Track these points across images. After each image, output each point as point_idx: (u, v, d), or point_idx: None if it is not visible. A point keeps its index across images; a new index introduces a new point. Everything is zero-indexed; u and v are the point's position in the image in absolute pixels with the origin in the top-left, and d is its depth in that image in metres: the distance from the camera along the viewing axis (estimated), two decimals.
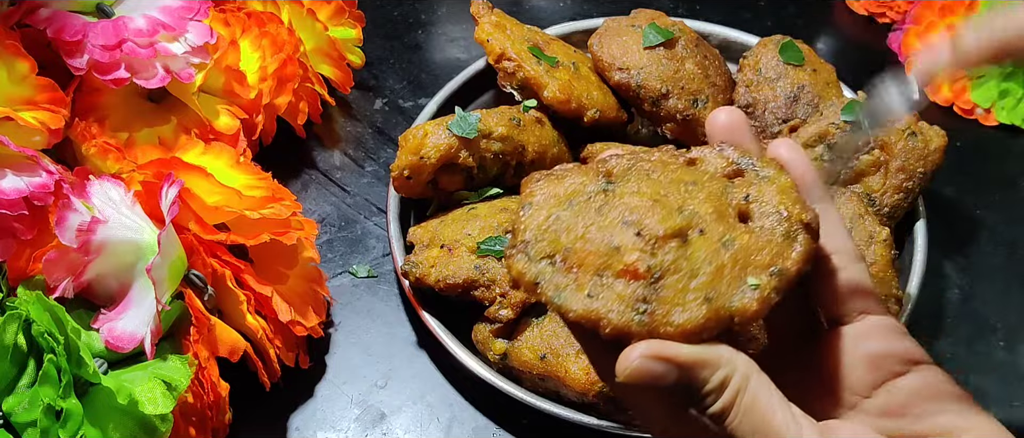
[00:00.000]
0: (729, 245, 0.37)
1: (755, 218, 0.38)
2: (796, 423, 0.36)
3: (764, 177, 0.40)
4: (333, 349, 0.67)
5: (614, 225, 0.38)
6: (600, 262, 0.37)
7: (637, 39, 0.73)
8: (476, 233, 0.64)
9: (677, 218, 0.38)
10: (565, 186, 0.40)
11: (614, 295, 0.36)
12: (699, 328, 0.36)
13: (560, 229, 0.38)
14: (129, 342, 0.55)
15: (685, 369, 0.35)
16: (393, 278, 0.70)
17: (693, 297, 0.36)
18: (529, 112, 0.70)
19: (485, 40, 0.71)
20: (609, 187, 0.40)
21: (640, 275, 0.36)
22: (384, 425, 0.63)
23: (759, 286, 0.36)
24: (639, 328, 0.36)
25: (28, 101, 0.61)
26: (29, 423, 0.51)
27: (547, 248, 0.38)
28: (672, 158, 0.41)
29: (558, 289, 0.37)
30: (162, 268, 0.55)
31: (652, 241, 0.37)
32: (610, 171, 0.41)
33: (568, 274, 0.37)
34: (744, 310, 0.36)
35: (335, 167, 0.78)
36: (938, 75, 0.43)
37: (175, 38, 0.67)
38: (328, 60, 0.79)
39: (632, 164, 0.41)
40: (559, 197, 0.40)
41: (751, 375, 0.36)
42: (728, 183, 0.40)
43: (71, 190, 0.57)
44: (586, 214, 0.39)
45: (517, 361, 0.61)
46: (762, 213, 0.38)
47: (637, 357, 0.35)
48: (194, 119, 0.69)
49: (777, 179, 0.39)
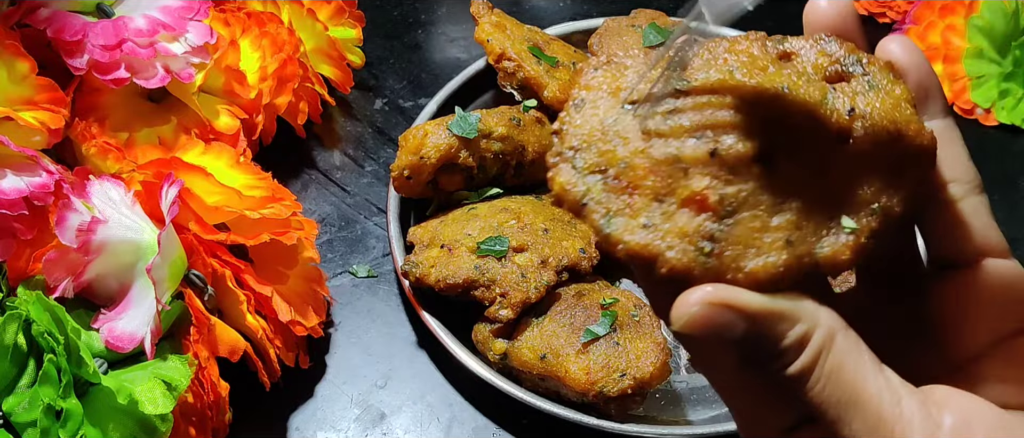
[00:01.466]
0: (824, 173, 0.31)
1: (858, 138, 0.31)
2: (893, 392, 0.30)
3: (874, 84, 0.32)
4: (333, 349, 0.67)
5: (683, 138, 0.31)
6: (663, 184, 0.31)
7: (637, 39, 0.73)
8: (476, 233, 0.64)
9: (763, 136, 0.31)
10: (628, 79, 0.33)
11: (676, 228, 0.30)
12: (776, 277, 0.30)
13: (617, 136, 0.32)
14: (129, 342, 0.55)
15: (756, 321, 0.29)
16: (393, 278, 0.70)
17: (772, 239, 0.30)
18: (529, 112, 0.70)
19: (485, 40, 0.71)
20: (681, 85, 0.32)
21: (710, 206, 0.30)
22: (384, 425, 0.63)
23: (855, 230, 0.30)
24: (703, 271, 0.30)
25: (28, 101, 0.61)
26: (29, 423, 0.51)
27: (599, 160, 0.32)
28: (762, 51, 0.33)
29: (609, 214, 0.31)
30: (162, 268, 0.55)
31: (729, 164, 0.30)
32: (685, 62, 0.33)
33: (622, 195, 0.31)
34: (834, 259, 0.30)
35: (335, 167, 0.78)
36: None
37: (175, 38, 0.67)
38: (328, 60, 0.79)
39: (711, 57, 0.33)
40: (620, 94, 0.33)
41: (837, 332, 0.30)
42: (829, 88, 0.32)
43: (71, 190, 0.57)
44: (651, 118, 0.32)
45: (517, 361, 0.61)
46: (867, 132, 0.31)
47: (697, 302, 0.29)
48: (194, 119, 0.69)
49: (889, 88, 0.32)
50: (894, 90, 0.32)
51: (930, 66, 0.33)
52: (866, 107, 0.31)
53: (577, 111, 0.33)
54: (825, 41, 0.34)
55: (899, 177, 0.31)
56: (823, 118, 0.31)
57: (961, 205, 0.33)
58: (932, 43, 0.84)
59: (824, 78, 0.32)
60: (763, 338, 0.30)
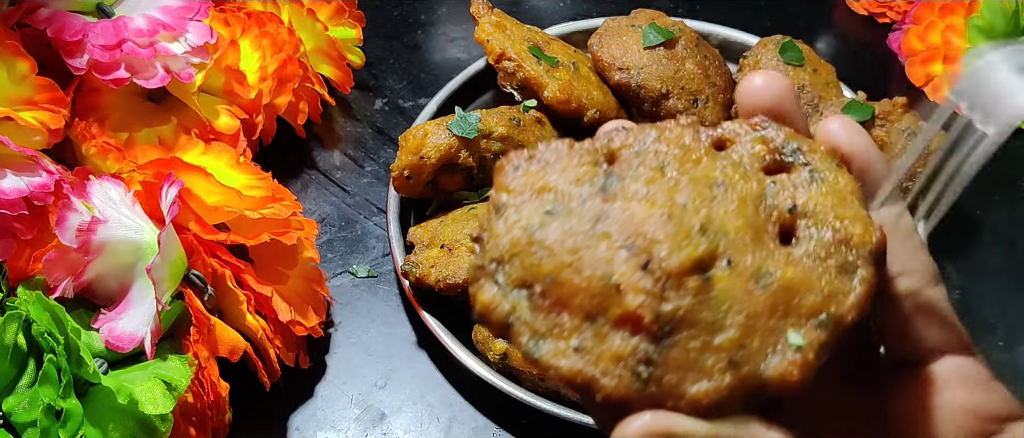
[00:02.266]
0: (765, 282, 0.28)
1: (801, 239, 0.29)
2: None
3: (816, 177, 0.30)
4: (333, 349, 0.67)
5: (613, 249, 0.29)
6: (593, 302, 0.28)
7: (637, 39, 0.73)
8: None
9: (698, 243, 0.28)
10: (552, 177, 0.31)
11: (610, 352, 0.28)
12: (719, 402, 0.27)
13: (542, 246, 0.29)
14: (129, 342, 0.55)
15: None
16: (393, 278, 0.70)
17: (714, 360, 0.28)
18: (529, 112, 0.70)
19: (485, 40, 0.71)
20: (609, 184, 0.30)
21: (644, 327, 0.28)
22: (384, 425, 0.63)
23: (802, 347, 0.28)
24: (641, 398, 0.28)
25: (28, 101, 0.61)
26: (29, 423, 0.51)
27: (524, 274, 0.29)
28: (694, 140, 0.31)
29: (536, 336, 0.29)
30: (162, 268, 0.55)
31: (663, 278, 0.28)
32: (613, 155, 0.31)
33: (549, 314, 0.29)
34: (781, 379, 0.27)
35: (335, 167, 0.78)
36: None
37: (175, 38, 0.67)
38: (328, 60, 0.79)
39: (642, 147, 0.31)
40: (544, 195, 0.30)
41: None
42: (767, 182, 0.30)
43: (71, 190, 0.57)
44: (578, 226, 0.29)
45: (517, 361, 0.61)
46: (811, 232, 0.29)
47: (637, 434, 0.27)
48: (194, 119, 0.69)
49: (833, 180, 0.30)
50: (838, 181, 0.30)
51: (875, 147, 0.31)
52: (808, 203, 0.29)
53: (499, 217, 0.30)
54: (762, 126, 0.31)
55: (848, 280, 0.28)
56: (763, 218, 0.29)
57: (914, 300, 0.31)
58: (932, 43, 0.84)
59: (763, 168, 0.30)
60: None
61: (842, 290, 0.28)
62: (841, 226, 0.29)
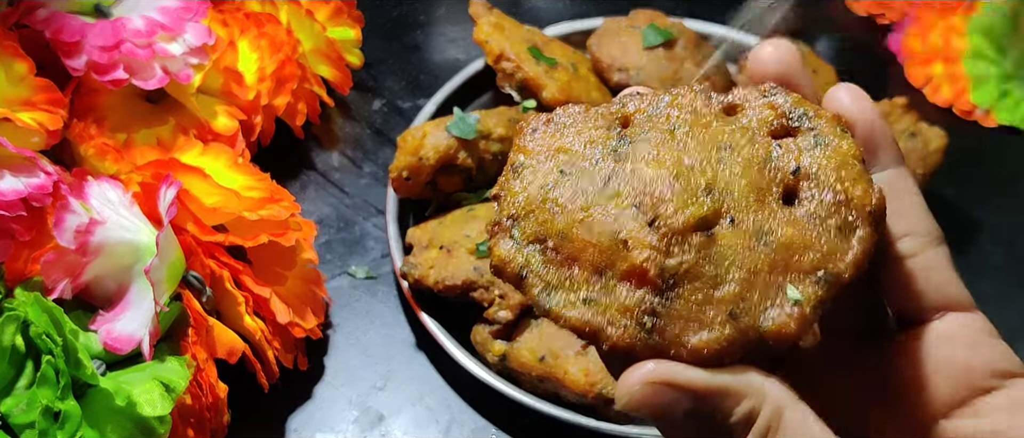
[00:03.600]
0: (767, 240, 0.30)
1: (803, 199, 0.30)
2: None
3: (820, 141, 0.31)
4: (332, 350, 0.67)
5: (622, 207, 0.30)
6: (601, 257, 0.30)
7: (636, 39, 0.73)
8: (475, 234, 0.64)
9: (703, 202, 0.30)
10: (567, 139, 0.33)
11: (616, 303, 0.30)
12: (719, 352, 0.29)
13: (555, 204, 0.31)
14: (127, 343, 0.54)
15: (700, 398, 0.29)
16: (392, 279, 0.70)
17: (714, 312, 0.29)
18: (528, 113, 0.70)
19: (484, 41, 0.71)
20: (621, 147, 0.32)
21: (649, 280, 0.30)
22: (383, 427, 0.63)
23: (800, 301, 0.29)
24: (645, 347, 0.30)
25: (26, 102, 0.61)
26: (27, 425, 0.51)
27: (538, 229, 0.31)
28: (705, 104, 0.33)
29: (548, 288, 0.31)
30: (160, 269, 0.55)
31: (668, 234, 0.30)
32: (627, 119, 0.33)
33: (561, 268, 0.31)
34: (779, 331, 0.29)
35: (333, 168, 0.78)
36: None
37: (173, 39, 0.66)
38: (327, 61, 0.79)
39: (654, 111, 0.33)
40: (558, 156, 0.32)
41: (784, 408, 0.29)
42: (773, 145, 0.31)
43: (69, 191, 0.57)
44: (590, 185, 0.31)
45: (516, 363, 0.61)
46: (813, 193, 0.30)
47: (638, 381, 0.29)
48: (192, 120, 0.69)
49: (836, 144, 0.31)
50: (841, 145, 0.31)
51: (879, 114, 0.33)
52: (812, 165, 0.31)
53: (516, 176, 0.32)
54: (772, 92, 0.33)
55: (847, 239, 0.30)
56: (767, 179, 0.31)
57: (917, 259, 0.32)
58: (932, 43, 0.84)
59: (770, 132, 0.32)
60: (709, 414, 0.29)
61: (841, 248, 0.30)
62: (842, 188, 0.30)
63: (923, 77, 0.84)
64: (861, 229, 0.30)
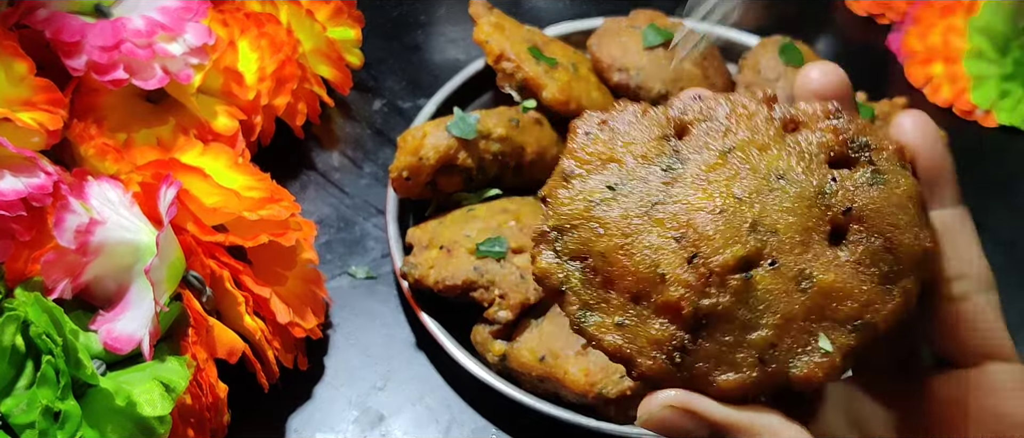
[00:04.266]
0: (805, 286, 0.29)
1: (851, 242, 0.30)
2: None
3: (878, 179, 0.30)
4: (332, 350, 0.67)
5: (665, 237, 0.30)
6: (639, 285, 0.30)
7: (636, 40, 0.73)
8: (475, 234, 0.64)
9: (747, 242, 0.29)
10: (620, 150, 0.32)
11: (649, 335, 0.30)
12: (744, 391, 0.29)
13: (600, 223, 0.31)
14: (127, 343, 0.54)
15: (718, 431, 0.29)
16: (392, 279, 0.70)
17: (743, 355, 0.29)
18: (528, 113, 0.70)
19: (484, 41, 0.71)
20: (673, 166, 0.31)
21: (683, 317, 0.29)
22: (383, 427, 0.63)
23: (830, 352, 0.29)
24: (673, 380, 0.30)
25: (26, 102, 0.61)
26: (27, 425, 0.51)
27: (580, 245, 0.31)
28: (766, 121, 0.31)
29: (585, 307, 0.31)
30: (160, 269, 0.55)
31: (706, 274, 0.29)
32: (684, 128, 0.32)
33: (599, 290, 0.31)
34: (807, 379, 0.29)
35: (334, 168, 0.78)
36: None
37: (173, 39, 0.66)
38: (327, 61, 0.79)
39: (712, 124, 0.32)
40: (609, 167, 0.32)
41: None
42: (829, 177, 0.30)
43: (69, 191, 0.57)
44: (635, 208, 0.31)
45: (516, 363, 0.61)
46: (862, 235, 0.30)
47: (662, 405, 0.30)
48: (192, 120, 0.69)
49: (894, 182, 0.30)
50: (899, 185, 0.30)
51: (944, 148, 0.32)
52: (865, 206, 0.30)
53: (565, 184, 0.32)
54: (835, 115, 0.31)
55: (889, 289, 0.29)
56: (817, 216, 0.30)
57: (966, 305, 0.31)
58: (932, 43, 0.84)
59: (828, 159, 0.31)
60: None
61: (881, 299, 0.29)
62: (892, 235, 0.29)
63: (923, 77, 0.84)
64: (905, 280, 0.29)
